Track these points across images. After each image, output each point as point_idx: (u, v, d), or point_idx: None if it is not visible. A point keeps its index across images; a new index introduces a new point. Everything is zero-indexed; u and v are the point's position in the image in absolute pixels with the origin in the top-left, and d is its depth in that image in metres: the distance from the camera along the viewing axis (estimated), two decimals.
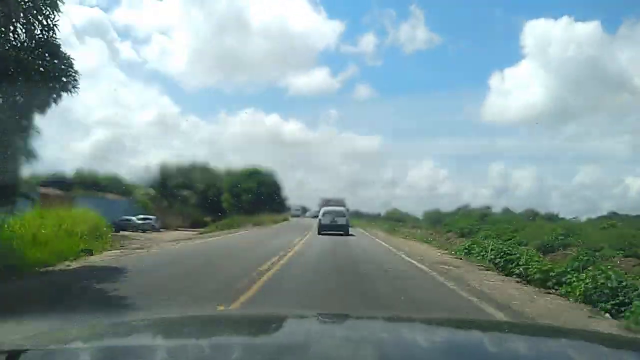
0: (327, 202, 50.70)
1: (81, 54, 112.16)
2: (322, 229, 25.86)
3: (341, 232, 25.43)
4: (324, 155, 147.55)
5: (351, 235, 25.71)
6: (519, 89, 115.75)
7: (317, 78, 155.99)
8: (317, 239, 22.72)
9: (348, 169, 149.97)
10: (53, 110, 9.80)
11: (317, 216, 63.10)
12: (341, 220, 26.61)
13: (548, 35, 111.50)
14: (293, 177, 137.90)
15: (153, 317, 3.48)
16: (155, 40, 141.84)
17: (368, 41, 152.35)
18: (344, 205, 43.05)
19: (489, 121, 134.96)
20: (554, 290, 9.41)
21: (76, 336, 1.63)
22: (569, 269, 9.93)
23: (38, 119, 9.60)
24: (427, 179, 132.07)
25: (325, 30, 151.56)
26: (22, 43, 8.58)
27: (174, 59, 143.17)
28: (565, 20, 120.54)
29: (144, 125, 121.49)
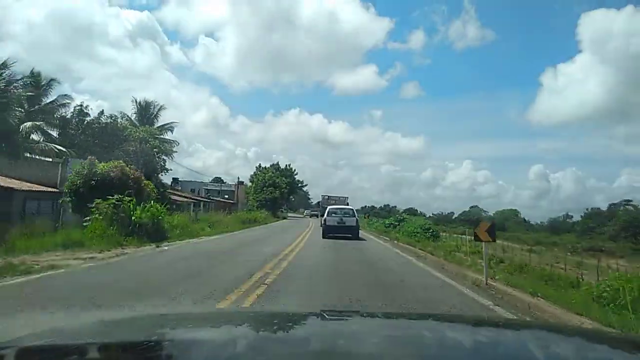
0: (328, 201, 46.70)
1: (135, 55, 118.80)
2: (328, 232, 22.10)
3: (349, 235, 21.86)
4: (368, 155, 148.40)
5: None
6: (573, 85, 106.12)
7: (364, 76, 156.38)
8: None
9: (391, 169, 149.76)
10: None
11: (315, 215, 60.51)
12: (350, 221, 22.60)
13: (608, 28, 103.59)
14: (337, 176, 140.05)
15: (158, 313, 3.46)
16: (204, 43, 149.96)
17: (417, 38, 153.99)
18: (348, 204, 39.70)
19: (538, 120, 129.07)
20: None
21: (81, 333, 1.64)
22: None
23: None
24: (469, 179, 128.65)
25: (374, 27, 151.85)
26: None
27: (223, 60, 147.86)
28: (629, 10, 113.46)
29: (196, 126, 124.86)
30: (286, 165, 72.08)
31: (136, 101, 42.21)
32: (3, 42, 62.93)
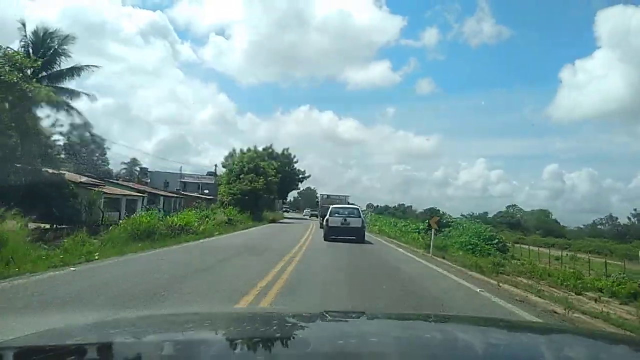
0: (327, 200, 41.47)
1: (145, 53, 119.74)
2: (331, 234, 19.96)
3: (354, 237, 19.68)
4: (379, 154, 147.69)
5: None
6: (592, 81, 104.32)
7: (377, 72, 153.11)
8: None
9: (402, 168, 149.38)
10: None
11: (314, 215, 55.43)
12: (355, 222, 20.46)
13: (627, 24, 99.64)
14: (347, 175, 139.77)
15: (159, 313, 3.41)
16: (214, 39, 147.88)
17: (431, 35, 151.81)
18: (349, 203, 35.35)
19: (553, 118, 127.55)
20: None
21: (82, 333, 1.63)
22: None
23: None
24: (482, 178, 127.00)
25: (387, 25, 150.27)
26: None
27: (234, 56, 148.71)
28: None
29: (203, 123, 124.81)
30: (283, 150, 52.84)
31: (24, 27, 24.72)
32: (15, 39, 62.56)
